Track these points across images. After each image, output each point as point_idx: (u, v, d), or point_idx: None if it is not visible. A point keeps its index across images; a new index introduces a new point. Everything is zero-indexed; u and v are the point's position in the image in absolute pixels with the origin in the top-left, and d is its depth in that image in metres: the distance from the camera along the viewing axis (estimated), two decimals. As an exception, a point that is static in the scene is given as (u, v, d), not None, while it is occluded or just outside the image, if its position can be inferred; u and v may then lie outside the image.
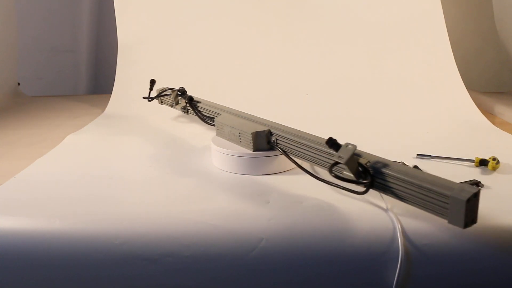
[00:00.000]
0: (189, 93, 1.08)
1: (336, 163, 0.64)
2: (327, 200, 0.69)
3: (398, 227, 0.61)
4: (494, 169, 0.79)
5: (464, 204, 0.51)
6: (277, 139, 0.77)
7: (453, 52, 1.30)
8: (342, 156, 0.61)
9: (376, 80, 1.26)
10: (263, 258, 0.61)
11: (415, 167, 0.79)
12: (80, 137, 1.04)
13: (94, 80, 2.00)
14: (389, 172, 0.61)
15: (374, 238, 0.61)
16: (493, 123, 1.11)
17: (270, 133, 0.78)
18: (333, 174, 0.64)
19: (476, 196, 0.52)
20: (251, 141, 0.77)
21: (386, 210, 0.64)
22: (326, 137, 0.65)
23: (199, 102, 1.03)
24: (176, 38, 1.37)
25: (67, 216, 0.65)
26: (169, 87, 1.13)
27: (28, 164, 0.86)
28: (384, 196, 0.68)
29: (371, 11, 1.35)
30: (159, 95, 1.14)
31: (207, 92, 1.28)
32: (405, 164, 0.79)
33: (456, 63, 1.29)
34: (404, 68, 1.28)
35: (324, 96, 1.24)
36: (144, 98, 1.17)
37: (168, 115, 1.21)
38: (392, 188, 0.61)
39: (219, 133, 0.86)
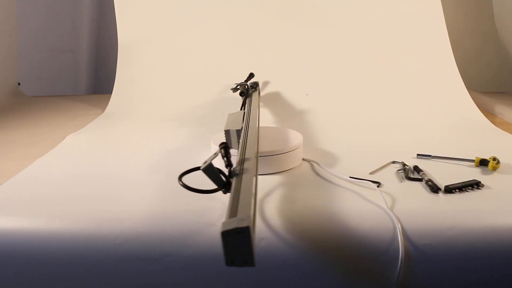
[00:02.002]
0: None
1: (196, 168, 0.58)
2: (327, 200, 0.69)
3: (398, 227, 0.61)
4: (494, 169, 0.79)
5: (220, 236, 0.42)
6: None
7: (453, 52, 1.30)
8: (207, 161, 0.56)
9: (376, 80, 1.26)
10: (263, 258, 0.61)
11: (415, 167, 0.79)
12: (80, 137, 1.04)
13: (94, 80, 2.00)
14: (238, 185, 0.53)
15: (374, 238, 0.61)
16: (493, 123, 1.11)
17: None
18: (181, 183, 0.57)
19: (241, 233, 0.42)
20: (225, 138, 0.78)
21: (386, 210, 0.64)
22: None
23: (249, 97, 1.02)
24: (176, 38, 1.37)
25: (67, 216, 0.65)
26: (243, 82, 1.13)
27: (28, 164, 0.86)
28: (385, 196, 0.68)
29: (371, 11, 1.35)
30: (235, 88, 1.13)
31: (207, 92, 1.28)
32: (406, 165, 0.80)
33: (456, 63, 1.28)
34: (404, 68, 1.28)
35: (324, 97, 1.24)
36: (232, 89, 1.17)
37: (168, 115, 1.20)
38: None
39: None
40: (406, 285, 0.61)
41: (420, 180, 0.74)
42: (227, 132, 0.77)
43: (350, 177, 0.75)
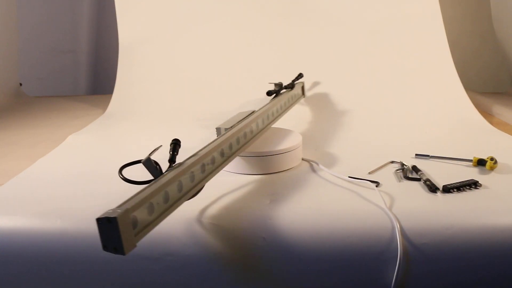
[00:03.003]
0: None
1: (138, 161, 0.62)
2: (326, 200, 0.69)
3: (397, 226, 0.61)
4: (492, 169, 0.79)
5: (95, 221, 0.46)
6: None
7: (451, 53, 1.30)
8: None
9: (374, 81, 1.26)
10: (263, 258, 0.62)
11: (414, 167, 0.80)
12: (81, 137, 1.05)
13: (95, 80, 2.00)
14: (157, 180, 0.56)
15: (373, 237, 0.62)
16: (491, 123, 1.12)
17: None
18: (121, 176, 0.60)
19: (110, 222, 0.45)
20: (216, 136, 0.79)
21: (385, 210, 0.64)
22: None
23: (280, 94, 1.02)
24: (177, 38, 1.37)
25: (68, 215, 0.65)
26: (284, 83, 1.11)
27: (30, 164, 0.87)
28: (384, 195, 0.69)
29: (369, 11, 1.36)
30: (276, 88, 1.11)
31: (207, 92, 1.28)
32: (404, 165, 0.80)
33: (454, 64, 1.29)
34: (403, 69, 1.28)
35: (324, 97, 1.25)
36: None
37: (169, 116, 1.21)
38: None
39: None
40: (404, 284, 0.61)
41: (418, 180, 0.75)
42: (218, 130, 0.79)
43: (349, 177, 0.75)
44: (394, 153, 0.88)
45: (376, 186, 0.73)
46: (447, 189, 0.70)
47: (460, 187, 0.71)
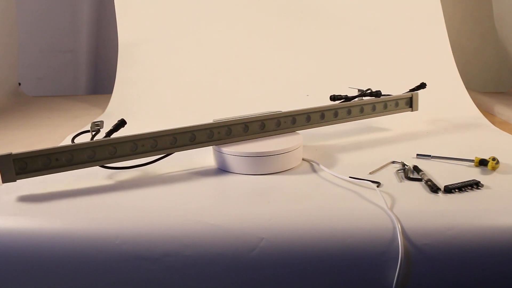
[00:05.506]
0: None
1: (87, 131, 0.83)
2: (327, 200, 0.69)
3: (398, 227, 0.61)
4: (493, 169, 0.79)
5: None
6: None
7: (452, 52, 1.30)
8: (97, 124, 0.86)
9: (376, 80, 1.26)
10: (263, 258, 0.61)
11: (415, 167, 0.79)
12: (80, 137, 1.04)
13: (95, 80, 2.00)
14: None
15: (374, 237, 0.61)
16: (493, 123, 1.11)
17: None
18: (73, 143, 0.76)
19: None
20: None
21: (386, 210, 0.64)
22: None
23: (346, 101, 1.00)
24: (177, 38, 1.37)
25: (67, 216, 0.65)
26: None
27: (29, 164, 0.86)
28: (385, 196, 0.69)
29: (371, 11, 1.35)
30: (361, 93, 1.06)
31: (207, 93, 1.28)
32: (405, 165, 0.80)
33: (455, 63, 1.29)
34: (404, 68, 1.28)
35: (325, 97, 1.24)
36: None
37: (169, 116, 1.21)
38: None
39: None
40: (405, 285, 0.61)
41: (419, 180, 0.75)
42: (214, 120, 0.82)
43: (350, 177, 0.75)
44: (395, 153, 0.87)
45: (377, 187, 0.72)
46: (448, 190, 0.69)
47: (462, 187, 0.70)
